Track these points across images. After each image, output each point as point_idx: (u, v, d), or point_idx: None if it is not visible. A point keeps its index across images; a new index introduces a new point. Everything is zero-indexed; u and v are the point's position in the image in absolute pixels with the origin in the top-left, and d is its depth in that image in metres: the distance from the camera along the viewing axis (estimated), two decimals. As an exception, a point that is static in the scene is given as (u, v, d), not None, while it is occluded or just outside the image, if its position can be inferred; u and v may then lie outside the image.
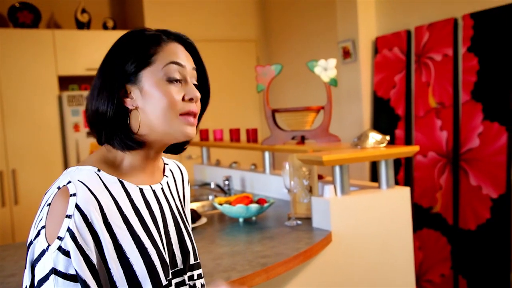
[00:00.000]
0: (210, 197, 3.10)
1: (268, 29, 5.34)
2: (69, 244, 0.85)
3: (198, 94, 1.00)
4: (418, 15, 3.46)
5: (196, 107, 0.99)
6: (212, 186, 3.28)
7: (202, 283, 1.09)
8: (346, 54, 3.84)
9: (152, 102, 0.95)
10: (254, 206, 2.31)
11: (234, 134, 3.38)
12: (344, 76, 3.91)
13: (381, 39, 3.71)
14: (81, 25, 4.62)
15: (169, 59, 0.97)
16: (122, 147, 0.97)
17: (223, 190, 3.11)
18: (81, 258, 0.85)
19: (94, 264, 0.87)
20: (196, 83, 1.03)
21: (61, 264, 0.84)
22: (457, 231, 3.12)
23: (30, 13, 4.43)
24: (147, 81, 0.96)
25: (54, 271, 0.84)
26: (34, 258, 0.86)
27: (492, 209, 2.92)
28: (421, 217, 3.32)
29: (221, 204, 2.40)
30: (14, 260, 1.91)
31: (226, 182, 3.10)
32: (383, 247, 2.21)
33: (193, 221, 2.29)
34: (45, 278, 0.84)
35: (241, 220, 2.38)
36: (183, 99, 0.97)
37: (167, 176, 1.10)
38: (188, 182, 1.19)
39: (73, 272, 0.84)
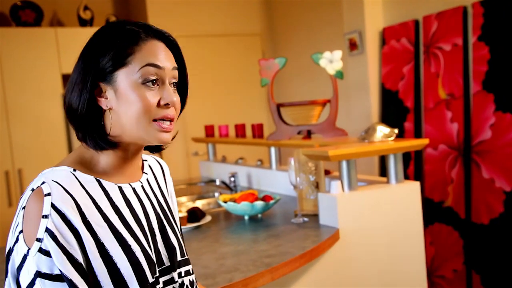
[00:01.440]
0: (216, 194, 3.05)
1: (273, 23, 5.26)
2: (48, 244, 0.82)
3: (176, 99, 0.95)
4: (426, 4, 3.37)
5: (173, 112, 0.95)
6: (218, 183, 3.23)
7: (191, 280, 1.05)
8: (353, 45, 3.76)
9: (126, 105, 0.91)
10: (259, 204, 2.25)
11: (240, 130, 3.32)
12: (351, 68, 3.84)
13: (388, 29, 3.63)
14: (83, 23, 4.57)
15: (146, 61, 0.92)
16: (95, 146, 0.94)
17: (228, 187, 3.05)
18: (64, 257, 0.82)
19: (81, 263, 0.84)
20: (175, 80, 0.97)
21: (45, 265, 0.81)
22: (470, 226, 3.04)
23: (33, 12, 4.39)
24: (122, 82, 0.91)
25: (39, 274, 0.81)
26: (17, 266, 0.83)
27: (505, 202, 2.83)
28: (432, 212, 3.25)
29: (225, 202, 2.34)
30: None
31: (232, 179, 3.04)
32: (392, 244, 2.15)
33: (197, 220, 2.24)
34: (31, 283, 0.82)
35: (246, 217, 2.32)
36: (158, 104, 0.92)
37: (146, 173, 1.06)
38: (170, 175, 1.15)
39: (58, 272, 0.82)
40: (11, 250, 0.85)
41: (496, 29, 2.88)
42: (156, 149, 1.06)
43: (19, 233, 0.84)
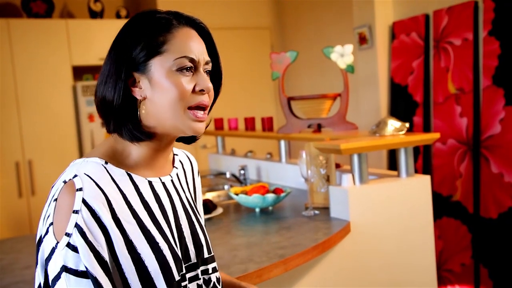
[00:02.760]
0: (226, 187, 3.07)
1: (282, 16, 5.26)
2: (77, 240, 0.82)
3: (210, 85, 0.94)
4: (436, -2, 3.37)
5: (207, 99, 0.94)
6: (228, 175, 3.25)
7: (218, 277, 1.06)
8: (362, 40, 3.76)
9: (161, 93, 0.91)
10: (270, 196, 2.27)
11: (249, 123, 3.34)
12: (360, 62, 3.84)
13: (398, 24, 3.63)
14: (94, 14, 4.59)
15: (181, 52, 0.91)
16: (130, 137, 0.93)
17: (238, 180, 3.07)
18: (91, 254, 0.82)
19: (106, 261, 0.84)
20: (209, 69, 0.97)
21: (71, 261, 0.82)
22: (478, 220, 3.06)
23: (44, 3, 4.42)
24: (157, 71, 0.91)
25: (64, 268, 0.82)
26: (46, 257, 0.84)
27: (514, 197, 2.85)
28: (441, 206, 3.26)
29: (237, 194, 2.37)
30: (29, 252, 1.90)
31: (242, 172, 3.06)
32: (403, 237, 2.17)
33: (209, 212, 2.26)
34: (57, 277, 0.82)
35: (257, 210, 2.35)
36: (193, 90, 0.92)
37: (176, 168, 1.06)
38: (198, 172, 1.15)
39: (84, 269, 0.82)
40: (41, 240, 0.85)
41: (507, 24, 2.88)
42: (189, 140, 1.04)
43: (50, 225, 0.84)
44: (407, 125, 2.27)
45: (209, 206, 2.28)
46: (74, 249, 0.82)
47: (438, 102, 3.32)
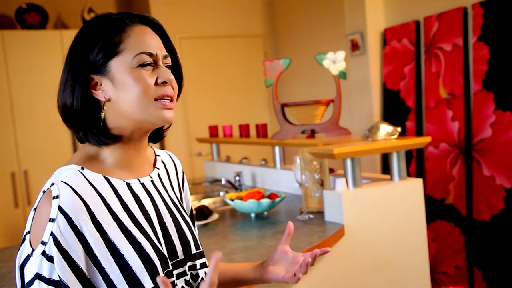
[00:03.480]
0: (221, 193, 3.10)
1: (275, 24, 5.32)
2: (52, 249, 0.84)
3: (172, 77, 0.96)
4: (426, 5, 3.42)
5: (171, 90, 0.96)
6: (223, 182, 3.28)
7: (207, 272, 1.08)
8: (355, 46, 3.81)
9: (124, 90, 0.92)
10: (265, 201, 2.30)
11: (244, 130, 3.37)
12: (353, 68, 3.89)
13: (389, 30, 3.68)
14: (88, 25, 4.62)
15: (139, 49, 0.93)
16: (98, 142, 0.94)
17: (234, 186, 3.10)
18: (65, 263, 0.84)
19: (81, 268, 0.85)
20: (169, 63, 0.99)
21: (45, 269, 0.84)
22: (471, 222, 3.09)
23: (38, 14, 4.44)
24: (118, 70, 0.92)
25: (38, 276, 0.83)
26: (21, 263, 0.86)
27: (506, 199, 2.89)
28: (434, 209, 3.30)
29: (232, 200, 2.40)
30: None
31: (237, 178, 3.09)
32: (396, 240, 2.20)
33: (205, 217, 2.29)
34: (30, 283, 0.84)
35: (253, 215, 2.37)
36: (156, 83, 0.94)
37: (158, 168, 1.07)
38: (183, 171, 1.16)
39: (57, 278, 0.83)
40: (18, 249, 0.88)
41: (495, 29, 2.93)
42: (155, 139, 1.06)
43: (27, 233, 0.87)
44: (399, 129, 2.31)
45: (205, 212, 2.31)
46: (49, 258, 0.83)
47: (430, 107, 3.36)
